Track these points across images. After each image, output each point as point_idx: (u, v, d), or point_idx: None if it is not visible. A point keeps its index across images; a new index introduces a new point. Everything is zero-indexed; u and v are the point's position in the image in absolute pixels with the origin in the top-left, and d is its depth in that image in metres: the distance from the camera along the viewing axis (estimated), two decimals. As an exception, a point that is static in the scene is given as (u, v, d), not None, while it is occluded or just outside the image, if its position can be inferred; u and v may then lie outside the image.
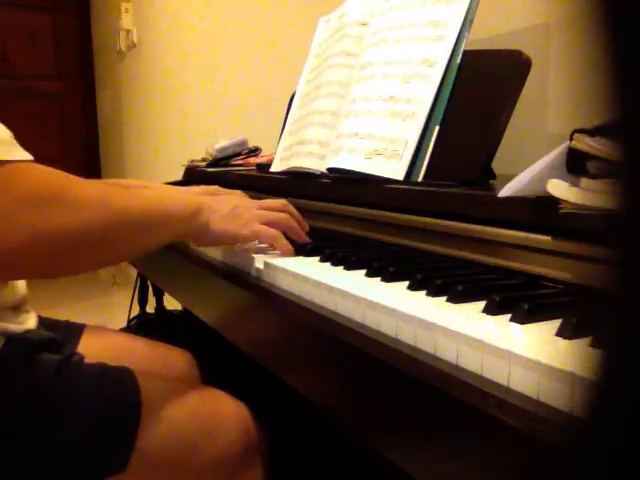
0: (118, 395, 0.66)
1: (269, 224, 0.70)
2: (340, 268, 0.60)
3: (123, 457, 0.63)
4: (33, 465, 0.61)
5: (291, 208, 0.75)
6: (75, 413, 0.63)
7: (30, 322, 0.75)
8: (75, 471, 0.61)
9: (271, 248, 0.72)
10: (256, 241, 0.76)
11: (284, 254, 0.69)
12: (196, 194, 0.78)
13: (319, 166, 0.90)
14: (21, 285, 0.77)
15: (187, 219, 0.67)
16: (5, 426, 0.61)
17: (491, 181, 0.73)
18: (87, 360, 0.73)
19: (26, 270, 0.60)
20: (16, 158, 0.55)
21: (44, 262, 0.57)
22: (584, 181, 0.46)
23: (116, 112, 3.70)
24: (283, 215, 0.73)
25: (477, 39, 0.82)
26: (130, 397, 0.66)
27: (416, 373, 0.40)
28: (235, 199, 0.73)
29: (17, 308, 0.75)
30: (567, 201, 0.47)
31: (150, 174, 2.99)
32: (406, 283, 0.52)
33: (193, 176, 1.42)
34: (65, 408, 0.64)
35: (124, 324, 1.50)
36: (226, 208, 0.70)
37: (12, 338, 0.68)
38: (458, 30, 0.76)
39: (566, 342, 0.38)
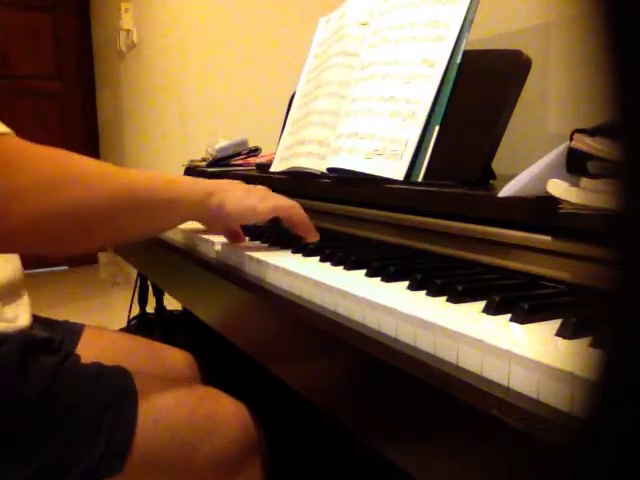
0: (114, 397, 0.66)
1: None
2: (340, 268, 0.60)
3: (119, 459, 0.62)
4: (29, 468, 0.61)
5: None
6: (71, 415, 0.63)
7: (22, 319, 0.75)
8: (71, 473, 0.61)
9: (271, 248, 0.73)
10: (258, 242, 0.76)
11: (303, 227, 0.71)
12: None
13: (319, 166, 0.90)
14: (5, 270, 0.77)
15: (198, 202, 0.66)
16: (1, 429, 0.61)
17: (491, 181, 0.73)
18: (86, 361, 0.73)
19: (30, 246, 0.60)
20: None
21: (49, 239, 0.57)
22: (584, 181, 0.46)
23: (116, 112, 3.70)
24: (295, 203, 0.73)
25: (477, 39, 0.82)
26: (126, 398, 0.66)
27: (416, 373, 0.40)
28: (248, 185, 0.73)
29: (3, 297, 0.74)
30: (567, 201, 0.47)
31: (150, 174, 2.99)
32: (406, 283, 0.52)
33: (193, 176, 1.42)
34: (61, 410, 0.63)
35: (124, 324, 1.50)
36: (241, 189, 0.70)
37: (4, 339, 0.68)
38: (458, 30, 0.76)
39: (566, 342, 0.38)
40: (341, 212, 0.81)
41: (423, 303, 0.48)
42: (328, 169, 0.87)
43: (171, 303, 1.33)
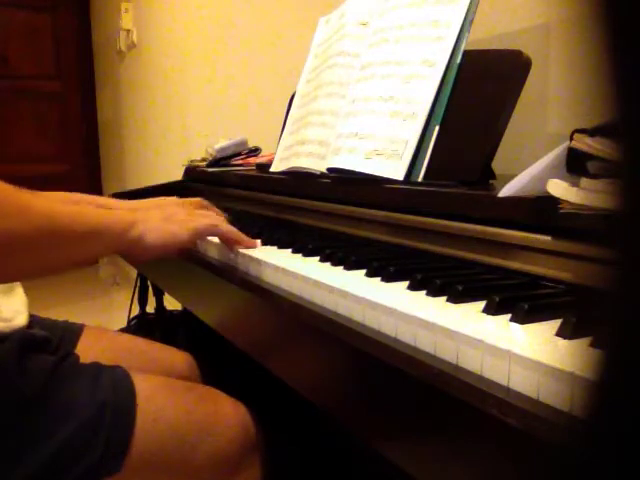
0: (113, 396, 0.66)
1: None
2: (340, 268, 0.60)
3: (118, 458, 0.62)
4: (28, 467, 0.61)
5: (206, 202, 0.84)
6: (69, 414, 0.63)
7: (19, 318, 0.75)
8: (71, 472, 0.61)
9: (271, 248, 0.72)
10: (258, 242, 0.76)
11: (227, 240, 0.74)
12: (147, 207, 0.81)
13: (319, 166, 0.89)
14: None
15: (120, 233, 0.65)
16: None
17: (491, 181, 0.73)
18: (85, 361, 0.73)
19: None
20: None
21: None
22: (584, 181, 0.46)
23: (116, 112, 3.70)
24: (211, 213, 0.78)
25: (477, 39, 0.82)
26: (125, 398, 0.66)
27: (416, 373, 0.40)
28: (170, 208, 0.76)
29: None
30: (567, 201, 0.47)
31: (150, 174, 2.99)
32: (406, 283, 0.52)
33: (193, 176, 1.42)
34: (59, 409, 0.63)
35: (124, 324, 1.50)
36: (159, 216, 0.70)
37: (3, 338, 0.68)
38: (458, 30, 0.76)
39: (566, 342, 0.38)
40: (341, 212, 0.81)
41: (423, 303, 0.48)
42: (328, 169, 0.87)
43: (171, 303, 1.33)
